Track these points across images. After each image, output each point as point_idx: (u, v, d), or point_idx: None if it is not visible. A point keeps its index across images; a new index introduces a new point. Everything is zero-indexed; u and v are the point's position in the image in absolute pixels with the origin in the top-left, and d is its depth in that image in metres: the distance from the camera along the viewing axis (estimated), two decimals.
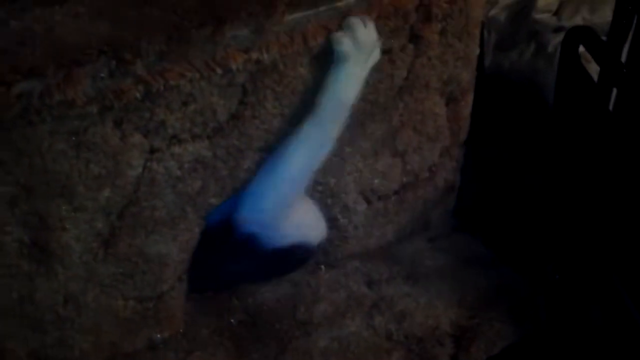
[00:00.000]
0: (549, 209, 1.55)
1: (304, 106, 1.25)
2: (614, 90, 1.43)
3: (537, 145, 1.62)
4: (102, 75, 1.09)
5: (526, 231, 1.56)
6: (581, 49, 1.47)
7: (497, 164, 1.66)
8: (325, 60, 1.23)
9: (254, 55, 1.17)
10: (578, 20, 1.85)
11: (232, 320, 1.42)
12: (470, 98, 1.46)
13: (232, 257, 1.37)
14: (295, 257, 1.43)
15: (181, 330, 1.41)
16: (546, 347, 1.42)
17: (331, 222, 1.47)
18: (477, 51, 1.41)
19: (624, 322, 1.38)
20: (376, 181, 1.46)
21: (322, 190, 1.41)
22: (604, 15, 1.79)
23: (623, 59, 1.39)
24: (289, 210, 1.33)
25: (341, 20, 1.22)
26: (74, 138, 1.11)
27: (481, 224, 1.63)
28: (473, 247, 1.60)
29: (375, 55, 1.26)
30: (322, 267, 1.53)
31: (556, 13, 1.90)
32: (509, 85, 1.82)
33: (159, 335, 1.40)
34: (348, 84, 1.25)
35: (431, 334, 1.42)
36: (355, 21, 1.21)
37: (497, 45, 1.92)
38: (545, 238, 1.53)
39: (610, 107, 1.44)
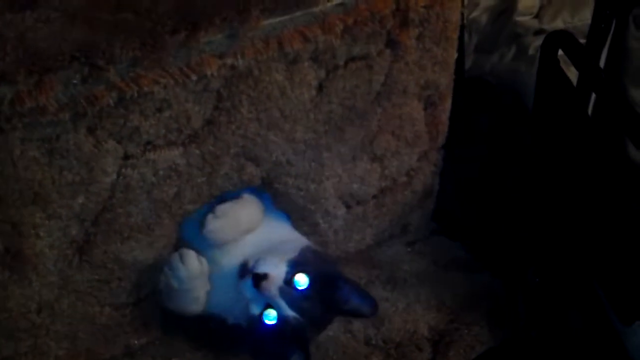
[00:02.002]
0: (529, 213, 1.55)
1: None
2: (593, 95, 1.43)
3: (516, 148, 1.62)
4: (75, 81, 1.08)
5: (506, 235, 1.56)
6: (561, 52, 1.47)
7: (476, 168, 1.66)
8: (301, 66, 1.23)
9: (229, 60, 1.17)
10: (559, 23, 1.85)
11: (209, 326, 1.41)
12: (448, 103, 1.46)
13: None
14: None
15: (158, 337, 1.41)
16: (525, 352, 1.42)
17: (313, 227, 1.47)
18: (455, 56, 1.40)
19: (603, 327, 1.39)
20: (355, 186, 1.45)
21: (303, 195, 1.40)
22: (584, 18, 1.79)
23: (602, 61, 1.39)
24: None
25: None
26: (46, 145, 1.11)
27: (460, 227, 1.63)
28: (452, 251, 1.60)
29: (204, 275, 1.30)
30: None
31: (537, 16, 1.90)
32: (489, 87, 1.82)
33: (136, 342, 1.39)
34: (181, 300, 1.32)
35: (409, 338, 1.41)
36: (174, 260, 1.28)
37: (478, 47, 1.92)
38: (525, 242, 1.53)
39: (589, 112, 1.44)
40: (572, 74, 1.45)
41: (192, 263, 1.28)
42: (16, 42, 1.08)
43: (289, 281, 1.26)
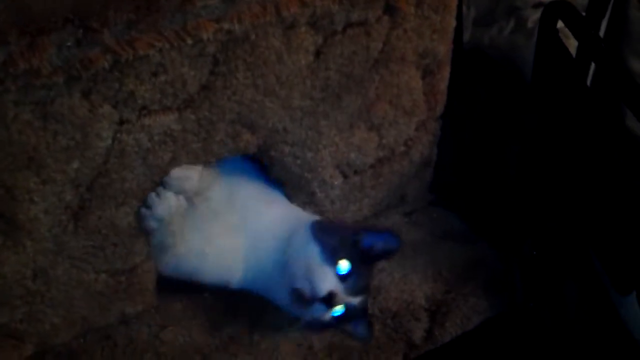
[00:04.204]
0: (526, 184, 1.54)
1: None
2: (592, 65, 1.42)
3: (514, 120, 1.61)
4: (69, 44, 1.07)
5: (503, 206, 1.55)
6: (560, 24, 1.46)
7: (474, 139, 1.65)
8: (298, 31, 1.22)
9: (225, 25, 1.15)
10: None
11: (205, 295, 1.41)
12: (446, 71, 1.45)
13: None
14: None
15: (154, 305, 1.40)
16: (521, 322, 1.42)
17: (309, 197, 1.46)
18: (454, 24, 1.39)
19: (599, 298, 1.39)
20: (352, 155, 1.44)
21: (300, 164, 1.39)
22: None
23: (602, 34, 1.38)
24: None
25: None
26: (40, 109, 1.09)
27: (458, 198, 1.62)
28: (449, 221, 1.60)
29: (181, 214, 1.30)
30: None
31: None
32: (487, 61, 1.81)
33: (131, 310, 1.39)
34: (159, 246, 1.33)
35: (406, 308, 1.41)
36: (151, 197, 1.27)
37: (476, 20, 1.91)
38: (523, 213, 1.53)
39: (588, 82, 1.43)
40: (571, 47, 1.44)
41: (169, 198, 1.27)
42: (9, 3, 1.06)
43: (339, 276, 1.26)
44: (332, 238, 1.30)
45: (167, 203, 1.27)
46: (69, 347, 1.34)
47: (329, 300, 1.24)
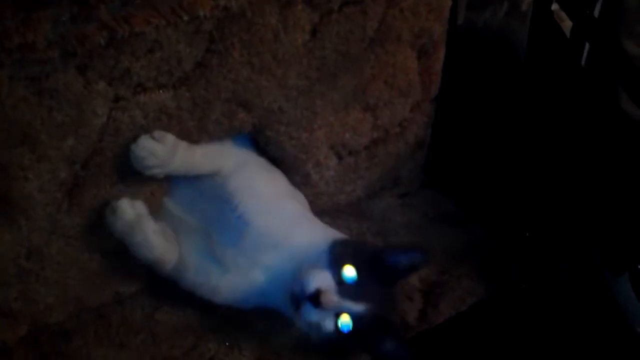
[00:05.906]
0: (521, 166, 1.55)
1: None
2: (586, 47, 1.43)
3: (509, 102, 1.61)
4: (64, 19, 1.06)
5: (497, 188, 1.56)
6: (554, 6, 1.46)
7: (468, 121, 1.65)
8: (294, 9, 1.21)
9: (222, 1, 1.14)
10: None
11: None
12: (442, 52, 1.45)
13: None
14: None
15: (148, 285, 1.40)
16: (515, 304, 1.42)
17: (304, 178, 1.45)
18: (450, 3, 1.39)
19: (593, 279, 1.39)
20: (347, 135, 1.44)
21: (295, 144, 1.39)
22: None
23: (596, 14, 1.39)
24: None
25: None
26: (35, 84, 1.08)
27: (451, 180, 1.62)
28: (443, 203, 1.60)
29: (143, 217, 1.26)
30: None
31: None
32: (481, 43, 1.81)
33: (125, 290, 1.39)
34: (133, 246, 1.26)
35: (400, 289, 1.40)
36: (107, 214, 1.24)
37: (470, 3, 1.91)
38: (517, 195, 1.53)
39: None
40: (565, 30, 1.45)
41: (124, 212, 1.23)
42: None
43: (340, 281, 1.19)
44: (345, 249, 1.25)
45: (123, 215, 1.24)
46: (62, 326, 1.34)
47: (317, 298, 1.16)
